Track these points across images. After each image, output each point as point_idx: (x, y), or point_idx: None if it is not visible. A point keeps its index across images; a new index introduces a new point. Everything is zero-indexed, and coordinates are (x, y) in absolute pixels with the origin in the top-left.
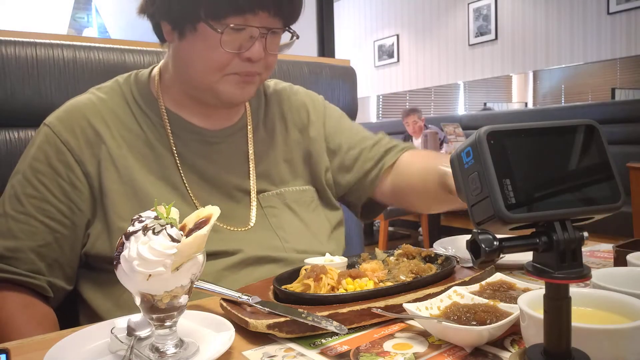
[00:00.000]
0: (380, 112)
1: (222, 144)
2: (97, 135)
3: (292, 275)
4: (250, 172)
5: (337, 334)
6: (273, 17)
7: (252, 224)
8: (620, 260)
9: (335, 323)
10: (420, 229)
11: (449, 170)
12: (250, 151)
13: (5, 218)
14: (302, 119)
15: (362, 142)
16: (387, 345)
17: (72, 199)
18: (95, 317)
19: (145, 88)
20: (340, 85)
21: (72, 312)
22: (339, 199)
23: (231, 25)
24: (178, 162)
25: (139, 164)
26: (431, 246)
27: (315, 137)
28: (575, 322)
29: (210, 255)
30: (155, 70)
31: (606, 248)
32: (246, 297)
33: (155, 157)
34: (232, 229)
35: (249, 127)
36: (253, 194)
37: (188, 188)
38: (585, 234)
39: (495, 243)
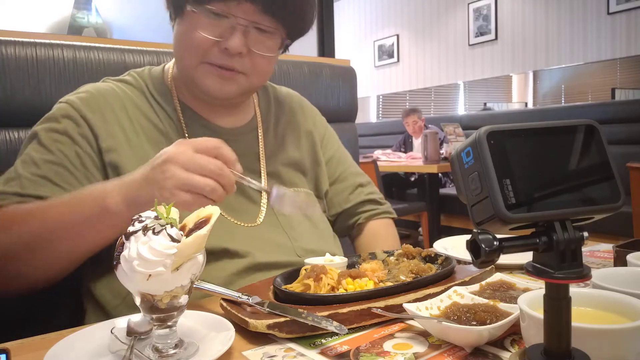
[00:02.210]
0: (380, 112)
1: (234, 142)
2: (118, 120)
3: (292, 275)
4: (262, 172)
5: (337, 334)
6: (261, 13)
7: (260, 221)
8: (620, 260)
9: (335, 323)
10: (420, 229)
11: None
12: (261, 152)
13: (19, 180)
14: (312, 132)
15: (353, 178)
16: (387, 345)
17: (89, 168)
18: (103, 314)
19: (159, 81)
20: (340, 85)
21: (79, 308)
22: None
23: (209, 7)
24: None
25: (155, 153)
26: (431, 246)
27: (319, 152)
28: (575, 322)
29: (219, 254)
30: (168, 65)
31: (606, 248)
32: (246, 297)
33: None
34: (240, 223)
35: (259, 129)
36: (264, 193)
37: None
38: (585, 234)
39: (495, 243)
